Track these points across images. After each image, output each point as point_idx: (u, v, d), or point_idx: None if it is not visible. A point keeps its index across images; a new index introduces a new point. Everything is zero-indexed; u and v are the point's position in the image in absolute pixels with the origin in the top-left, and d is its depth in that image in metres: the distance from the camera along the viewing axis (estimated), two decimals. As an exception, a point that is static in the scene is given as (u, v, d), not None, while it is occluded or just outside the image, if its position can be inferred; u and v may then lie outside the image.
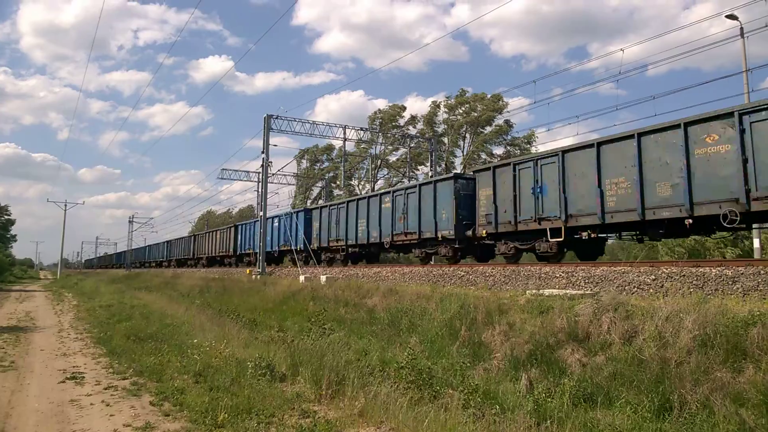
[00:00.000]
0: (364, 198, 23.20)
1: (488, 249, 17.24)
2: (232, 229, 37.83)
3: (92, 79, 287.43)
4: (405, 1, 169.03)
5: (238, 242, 36.34)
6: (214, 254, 41.67)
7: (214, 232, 43.13)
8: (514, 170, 15.04)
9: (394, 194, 20.57)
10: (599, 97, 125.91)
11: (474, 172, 17.33)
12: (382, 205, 21.09)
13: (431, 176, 30.08)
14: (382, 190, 23.65)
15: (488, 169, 16.32)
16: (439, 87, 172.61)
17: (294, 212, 29.55)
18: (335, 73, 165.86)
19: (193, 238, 50.44)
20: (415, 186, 19.68)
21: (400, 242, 20.11)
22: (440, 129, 46.65)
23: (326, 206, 26.27)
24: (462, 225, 16.93)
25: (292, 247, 28.63)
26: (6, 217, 67.97)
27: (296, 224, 27.84)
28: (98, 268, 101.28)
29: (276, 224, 30.59)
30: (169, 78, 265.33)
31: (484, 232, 15.95)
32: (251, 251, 32.95)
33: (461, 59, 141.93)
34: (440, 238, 17.67)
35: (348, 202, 24.16)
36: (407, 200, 19.53)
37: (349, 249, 23.68)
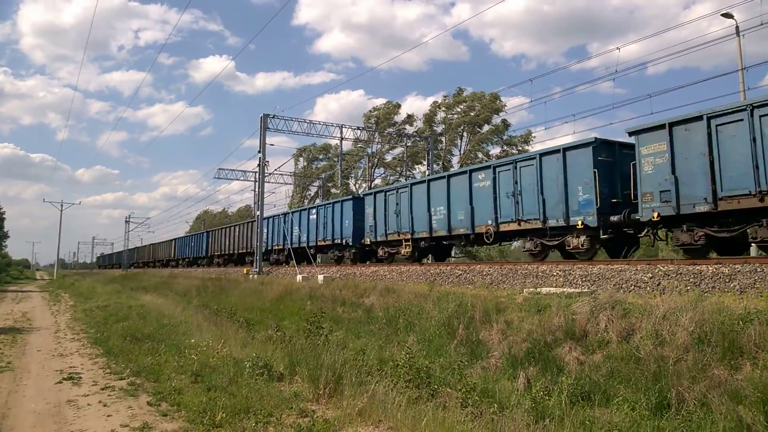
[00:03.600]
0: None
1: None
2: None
3: (92, 79, 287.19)
4: (406, 1, 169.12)
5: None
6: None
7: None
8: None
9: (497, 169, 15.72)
10: (599, 96, 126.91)
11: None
12: (474, 184, 16.43)
13: (428, 175, 29.90)
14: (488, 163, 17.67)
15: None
16: (440, 86, 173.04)
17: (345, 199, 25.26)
18: (336, 73, 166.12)
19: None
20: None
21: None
22: (439, 129, 46.70)
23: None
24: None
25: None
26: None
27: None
28: (107, 267, 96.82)
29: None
30: (170, 78, 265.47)
31: None
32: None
33: (461, 59, 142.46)
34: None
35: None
36: (519, 175, 14.82)
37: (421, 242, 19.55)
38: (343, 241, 23.92)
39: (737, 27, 21.63)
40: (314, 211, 27.51)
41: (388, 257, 21.35)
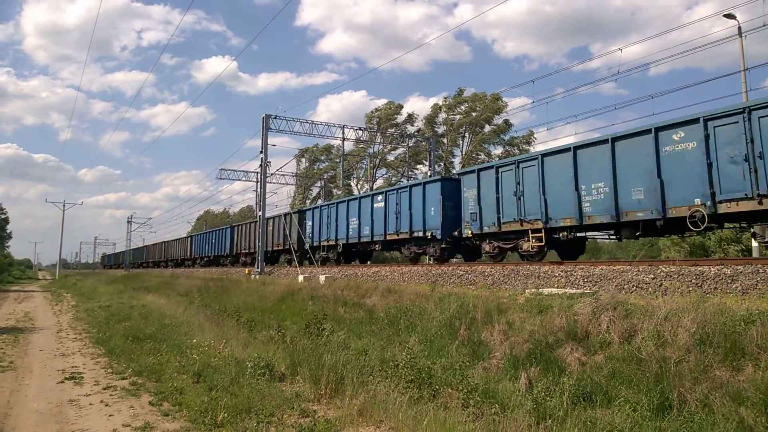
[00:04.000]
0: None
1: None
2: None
3: (95, 79, 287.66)
4: (408, 1, 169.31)
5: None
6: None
7: (370, 198, 22.80)
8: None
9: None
10: (601, 97, 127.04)
11: None
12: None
13: (430, 176, 29.73)
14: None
15: None
16: (442, 87, 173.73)
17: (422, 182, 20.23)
18: (338, 74, 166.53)
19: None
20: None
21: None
22: (440, 129, 46.67)
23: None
24: None
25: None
26: (1, 216, 67.66)
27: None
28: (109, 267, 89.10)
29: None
30: (172, 78, 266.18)
31: None
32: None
33: (464, 59, 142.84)
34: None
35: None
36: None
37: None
38: (427, 234, 18.68)
39: (739, 28, 21.63)
40: (381, 197, 21.75)
41: (498, 254, 16.51)
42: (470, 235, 17.10)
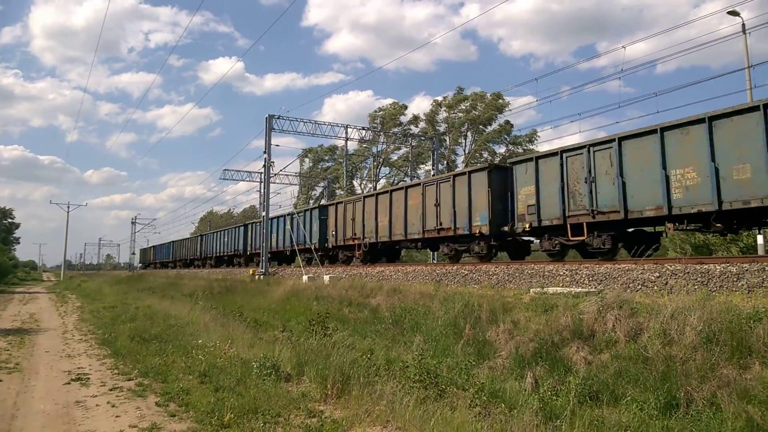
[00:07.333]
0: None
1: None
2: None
3: (102, 81, 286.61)
4: (415, 1, 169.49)
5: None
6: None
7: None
8: None
9: None
10: (607, 95, 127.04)
11: None
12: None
13: (433, 175, 29.63)
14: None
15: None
16: (448, 87, 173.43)
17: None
18: (344, 74, 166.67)
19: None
20: None
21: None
22: (442, 128, 46.65)
23: None
24: None
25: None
26: (10, 220, 68.38)
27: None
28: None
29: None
30: (179, 80, 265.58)
31: None
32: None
33: (470, 59, 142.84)
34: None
35: None
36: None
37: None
38: None
39: (743, 25, 21.58)
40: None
41: None
42: None
